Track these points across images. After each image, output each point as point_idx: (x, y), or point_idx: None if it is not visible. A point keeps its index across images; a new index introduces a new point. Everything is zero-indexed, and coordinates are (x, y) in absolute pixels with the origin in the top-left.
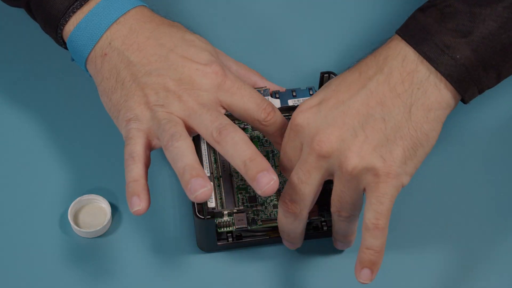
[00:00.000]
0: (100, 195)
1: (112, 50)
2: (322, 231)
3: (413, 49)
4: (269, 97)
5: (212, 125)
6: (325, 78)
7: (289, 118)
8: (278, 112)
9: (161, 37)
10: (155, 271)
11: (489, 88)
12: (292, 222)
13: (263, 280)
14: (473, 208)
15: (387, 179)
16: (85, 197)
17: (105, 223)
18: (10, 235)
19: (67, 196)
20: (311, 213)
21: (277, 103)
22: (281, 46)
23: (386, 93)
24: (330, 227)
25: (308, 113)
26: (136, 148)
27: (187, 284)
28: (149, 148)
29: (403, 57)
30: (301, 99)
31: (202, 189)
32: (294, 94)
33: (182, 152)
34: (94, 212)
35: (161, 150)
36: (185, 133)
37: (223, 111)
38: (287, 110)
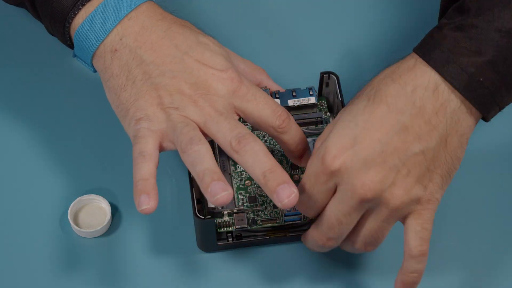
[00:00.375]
0: (100, 195)
1: (124, 47)
2: None
3: (442, 78)
4: None
5: (231, 134)
6: (325, 78)
7: None
8: (293, 119)
9: (175, 38)
10: (155, 271)
11: (507, 105)
12: (325, 250)
13: (263, 280)
14: (476, 211)
15: (429, 205)
16: (85, 197)
17: (105, 223)
18: (10, 235)
19: (67, 196)
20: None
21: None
22: (281, 46)
23: (422, 126)
24: None
25: (344, 157)
26: (147, 147)
27: (187, 284)
28: (159, 149)
29: (434, 88)
30: (301, 99)
31: (223, 192)
32: (294, 94)
33: (202, 155)
34: (94, 212)
35: None
36: (203, 137)
37: (237, 117)
38: (287, 110)
